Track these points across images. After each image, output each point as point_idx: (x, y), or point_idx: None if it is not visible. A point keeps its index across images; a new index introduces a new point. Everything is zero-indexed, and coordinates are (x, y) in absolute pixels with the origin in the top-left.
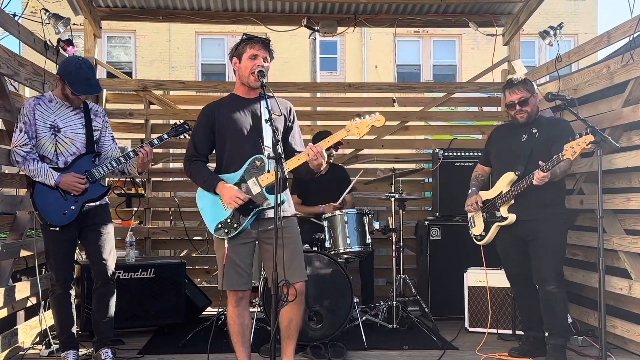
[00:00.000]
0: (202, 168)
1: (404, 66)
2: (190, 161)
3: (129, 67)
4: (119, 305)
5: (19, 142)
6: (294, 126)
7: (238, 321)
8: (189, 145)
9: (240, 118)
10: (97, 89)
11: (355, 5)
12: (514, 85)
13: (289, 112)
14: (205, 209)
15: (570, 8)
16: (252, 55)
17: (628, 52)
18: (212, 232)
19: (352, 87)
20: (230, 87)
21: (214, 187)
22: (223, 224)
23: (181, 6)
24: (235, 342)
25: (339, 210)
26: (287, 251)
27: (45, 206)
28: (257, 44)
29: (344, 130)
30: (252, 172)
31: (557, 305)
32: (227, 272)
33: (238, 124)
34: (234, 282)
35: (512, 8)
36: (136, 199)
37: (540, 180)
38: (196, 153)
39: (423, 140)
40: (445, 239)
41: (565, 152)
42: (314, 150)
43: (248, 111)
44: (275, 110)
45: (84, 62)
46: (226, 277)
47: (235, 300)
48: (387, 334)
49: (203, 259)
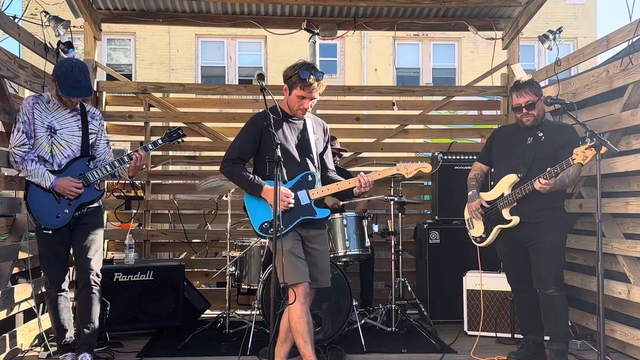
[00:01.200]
0: (245, 171)
1: (404, 69)
2: (233, 163)
3: (128, 70)
4: (118, 307)
5: (18, 142)
6: (328, 146)
7: (307, 319)
8: (232, 148)
9: (289, 133)
10: (86, 92)
11: (355, 9)
12: (521, 88)
13: (325, 133)
14: (254, 209)
15: (570, 12)
16: (300, 95)
17: (627, 57)
18: (256, 230)
19: (352, 90)
20: (229, 89)
21: (260, 190)
22: (269, 224)
23: (181, 9)
24: (305, 342)
25: (338, 213)
26: (325, 257)
27: (39, 209)
28: (308, 87)
29: (394, 168)
30: (303, 184)
31: (558, 309)
32: (294, 264)
33: (288, 137)
34: (302, 273)
35: (511, 12)
36: (135, 201)
37: (541, 188)
38: (239, 157)
39: (422, 143)
40: (444, 243)
41: (576, 157)
42: (364, 179)
43: (295, 128)
44: (316, 130)
45: (76, 64)
46: (294, 269)
47: (303, 295)
48: (386, 338)
49: (202, 261)
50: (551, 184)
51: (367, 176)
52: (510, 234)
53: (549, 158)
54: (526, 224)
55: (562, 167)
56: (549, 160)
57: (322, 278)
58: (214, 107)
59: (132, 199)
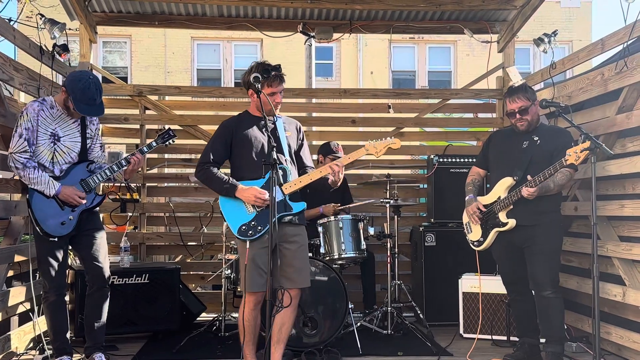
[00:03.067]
0: (219, 174)
1: (400, 72)
2: (207, 166)
3: (124, 72)
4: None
5: (19, 148)
6: (304, 143)
7: (254, 323)
8: (205, 152)
9: (260, 133)
10: (100, 111)
11: (351, 12)
12: (514, 94)
13: (299, 131)
14: (229, 213)
15: (565, 15)
16: (271, 92)
17: (622, 60)
18: (235, 234)
19: (348, 93)
20: (225, 92)
21: (234, 191)
22: (247, 225)
23: (177, 12)
24: (248, 341)
25: (333, 216)
26: (302, 257)
27: (43, 217)
28: (274, 81)
29: (363, 149)
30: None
31: (553, 311)
32: (251, 273)
33: (258, 138)
34: (256, 284)
35: (506, 15)
36: (131, 204)
37: (529, 196)
38: (213, 159)
39: (418, 146)
40: (440, 245)
41: (569, 157)
42: (338, 166)
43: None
44: (288, 129)
45: (93, 81)
46: (250, 278)
47: (254, 303)
48: (381, 340)
49: (198, 264)
50: (536, 191)
51: (336, 162)
52: (506, 236)
53: (545, 162)
54: (522, 227)
55: (544, 176)
56: (545, 163)
57: (299, 278)
58: (209, 109)
59: (128, 201)
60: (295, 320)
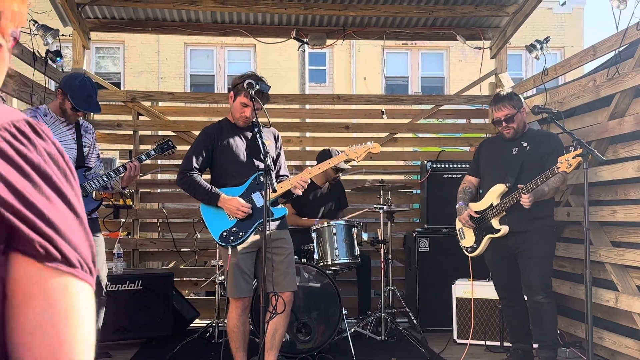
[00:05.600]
0: (201, 182)
1: (393, 78)
2: (189, 173)
3: (117, 78)
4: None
5: None
6: (281, 152)
7: (242, 329)
8: (187, 159)
9: (240, 141)
10: (98, 108)
11: (344, 18)
12: (499, 102)
13: (277, 139)
14: (211, 219)
15: (557, 22)
16: (243, 103)
17: (614, 66)
18: (217, 241)
19: (341, 99)
20: (219, 98)
21: (216, 201)
22: (228, 232)
23: (170, 18)
24: (238, 348)
25: (326, 222)
26: (287, 260)
27: None
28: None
29: (343, 154)
30: (256, 187)
31: (546, 316)
32: (236, 279)
33: (239, 146)
34: (242, 289)
35: (499, 22)
36: (124, 210)
37: (527, 204)
38: (194, 167)
39: (411, 152)
40: (433, 251)
41: (560, 165)
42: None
43: (244, 136)
44: (267, 138)
45: (88, 80)
46: (234, 284)
47: (241, 308)
48: (375, 346)
49: (191, 270)
50: (532, 197)
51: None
52: (499, 242)
53: (535, 167)
54: (515, 233)
55: (537, 183)
56: (536, 169)
57: (285, 282)
58: (203, 115)
59: (121, 207)
60: (288, 326)
